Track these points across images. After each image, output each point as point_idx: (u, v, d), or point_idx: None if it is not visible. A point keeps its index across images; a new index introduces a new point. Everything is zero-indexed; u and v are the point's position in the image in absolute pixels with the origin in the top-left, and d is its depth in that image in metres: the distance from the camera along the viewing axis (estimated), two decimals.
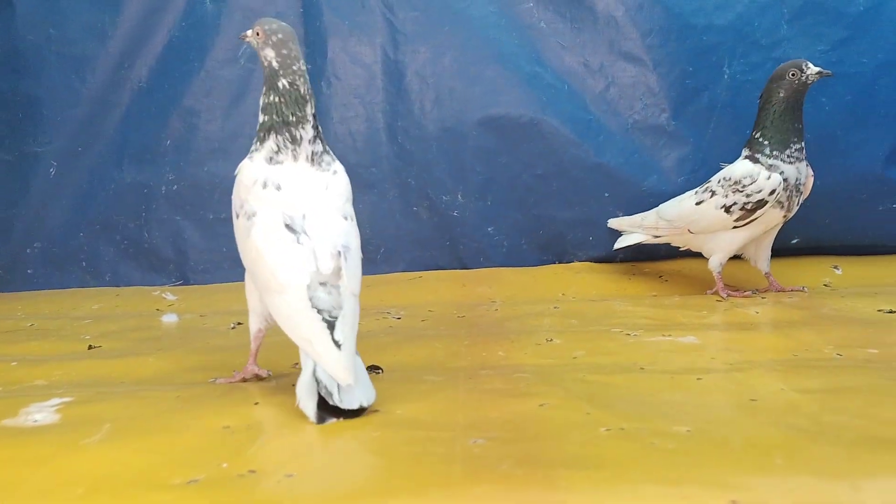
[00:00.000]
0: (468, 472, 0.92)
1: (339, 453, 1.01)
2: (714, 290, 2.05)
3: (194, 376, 1.47)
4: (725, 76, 2.24)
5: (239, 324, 1.95)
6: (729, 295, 2.01)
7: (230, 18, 2.40)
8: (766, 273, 2.08)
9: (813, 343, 1.51)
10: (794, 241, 2.28)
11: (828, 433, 1.01)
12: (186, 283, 2.47)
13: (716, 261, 2.03)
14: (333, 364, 1.12)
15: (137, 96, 2.42)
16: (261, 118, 1.34)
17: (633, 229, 2.17)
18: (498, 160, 2.35)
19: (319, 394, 1.12)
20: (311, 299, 1.19)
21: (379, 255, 2.46)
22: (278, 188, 1.29)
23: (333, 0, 2.36)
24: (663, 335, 1.62)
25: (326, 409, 1.12)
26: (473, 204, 2.39)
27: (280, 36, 1.33)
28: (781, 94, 1.91)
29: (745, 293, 2.03)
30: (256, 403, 1.23)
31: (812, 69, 1.88)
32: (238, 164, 1.36)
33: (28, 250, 2.46)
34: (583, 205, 2.34)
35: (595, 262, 2.38)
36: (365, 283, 2.37)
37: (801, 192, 1.96)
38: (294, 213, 1.27)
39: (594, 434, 1.03)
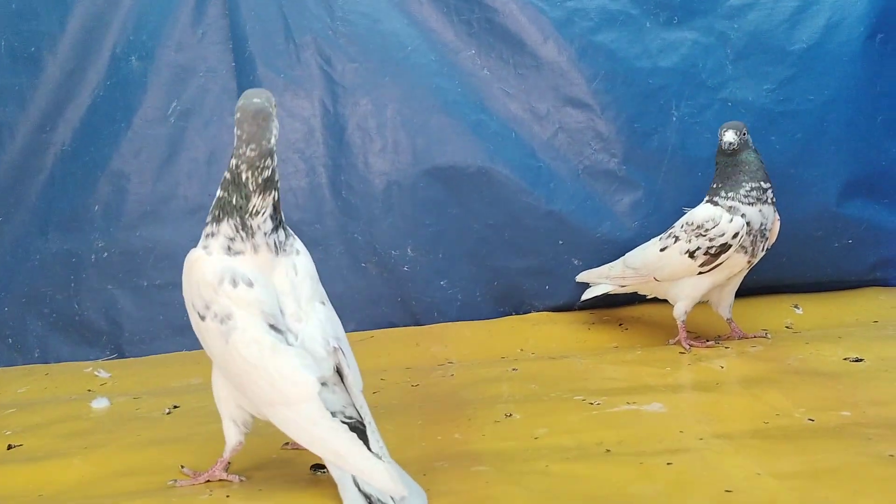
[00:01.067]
0: None
1: None
2: (676, 339, 1.98)
3: (122, 484, 1.33)
4: (674, 118, 2.19)
5: (175, 407, 1.81)
6: (691, 346, 1.95)
7: (158, 75, 2.28)
8: (727, 319, 2.02)
9: (783, 406, 1.44)
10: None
11: None
12: (121, 355, 2.32)
13: (681, 308, 1.96)
14: (381, 478, 1.07)
15: (61, 160, 2.28)
16: (218, 192, 1.22)
17: (601, 280, 2.10)
18: (448, 211, 2.27)
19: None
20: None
21: None
22: (250, 284, 1.18)
23: (267, 54, 2.25)
24: (628, 403, 1.54)
25: None
26: (424, 257, 2.29)
27: (238, 115, 1.20)
28: (717, 149, 1.90)
29: (708, 343, 1.97)
30: None
31: (725, 138, 1.86)
32: (183, 243, 1.27)
33: None
34: (537, 253, 2.27)
35: (553, 311, 2.30)
36: None
37: (767, 238, 1.91)
38: (273, 311, 1.18)
39: None
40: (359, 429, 1.12)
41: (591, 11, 2.17)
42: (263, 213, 1.22)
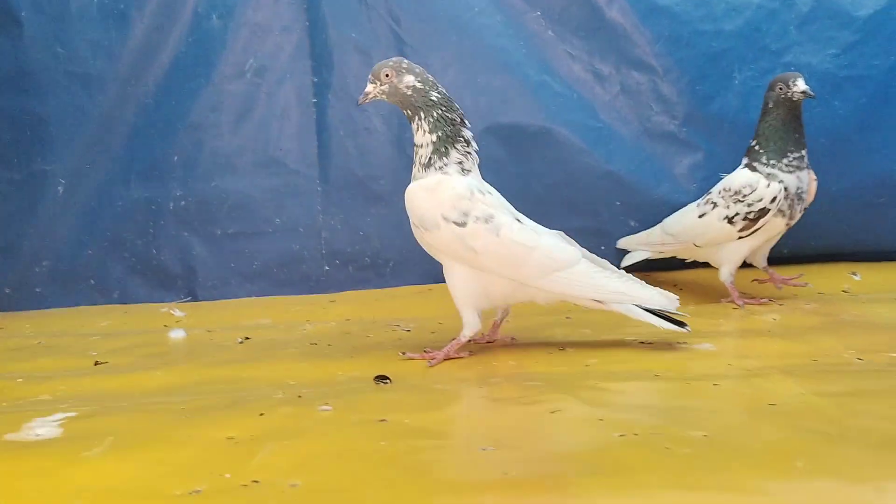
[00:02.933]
0: (476, 480, 0.89)
1: (345, 463, 0.98)
2: (729, 298, 2.01)
3: (201, 389, 1.45)
4: (736, 82, 2.21)
5: (247, 338, 1.92)
6: (745, 303, 1.97)
7: (236, 34, 2.40)
8: (763, 268, 2.04)
9: (832, 348, 1.47)
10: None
11: (850, 436, 0.97)
12: (195, 299, 2.46)
13: (726, 272, 1.99)
14: (658, 299, 1.51)
15: (144, 113, 2.41)
16: (432, 138, 1.50)
17: (640, 247, 2.13)
18: (508, 169, 2.32)
19: (662, 316, 1.50)
20: None
21: (388, 269, 2.44)
22: (490, 193, 1.54)
23: (339, 14, 2.35)
24: (679, 342, 1.59)
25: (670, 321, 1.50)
26: None
27: (406, 62, 1.52)
28: (771, 106, 1.89)
29: (762, 300, 1.99)
30: (262, 415, 1.20)
31: (798, 87, 1.84)
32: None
33: (36, 269, 2.45)
34: (594, 214, 2.32)
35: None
36: (374, 297, 2.38)
37: (804, 200, 1.92)
38: (511, 210, 1.55)
39: (607, 440, 1.00)
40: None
41: None
42: (471, 139, 1.54)
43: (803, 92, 1.84)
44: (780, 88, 1.87)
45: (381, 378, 1.40)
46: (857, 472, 0.86)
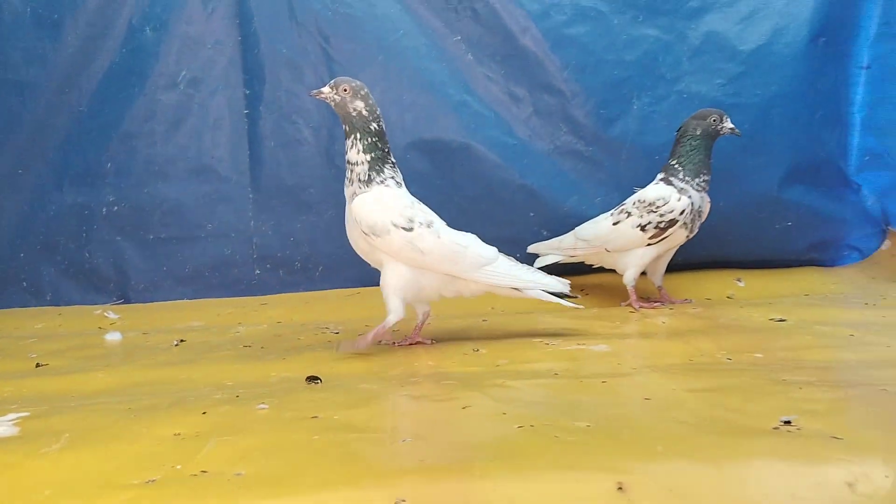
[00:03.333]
0: (397, 467, 1.05)
1: (283, 454, 1.13)
2: (628, 302, 2.24)
3: (142, 390, 1.56)
4: (635, 107, 2.45)
5: (182, 341, 2.04)
6: (641, 307, 2.20)
7: (169, 45, 2.49)
8: (658, 286, 2.29)
9: (707, 349, 1.70)
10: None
11: (704, 426, 1.18)
12: (127, 301, 2.54)
13: (630, 275, 2.22)
14: (555, 284, 1.84)
15: (78, 120, 2.49)
16: (366, 157, 1.72)
17: (551, 251, 2.35)
18: (432, 182, 2.50)
19: (558, 295, 1.85)
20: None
21: (317, 273, 2.58)
22: (419, 202, 1.80)
23: (271, 30, 2.47)
24: (578, 344, 1.79)
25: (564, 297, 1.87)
26: None
27: (365, 90, 1.73)
28: (699, 132, 2.14)
29: (655, 304, 2.23)
30: (204, 413, 1.34)
31: (727, 124, 2.13)
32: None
33: None
34: (510, 223, 2.52)
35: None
36: (304, 300, 2.52)
37: (702, 217, 2.18)
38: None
39: (508, 431, 1.18)
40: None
41: (566, 6, 2.41)
42: (395, 163, 1.79)
43: (731, 129, 2.11)
44: (713, 120, 2.12)
45: (312, 378, 1.55)
46: (703, 455, 1.07)
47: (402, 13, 2.46)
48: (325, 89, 1.73)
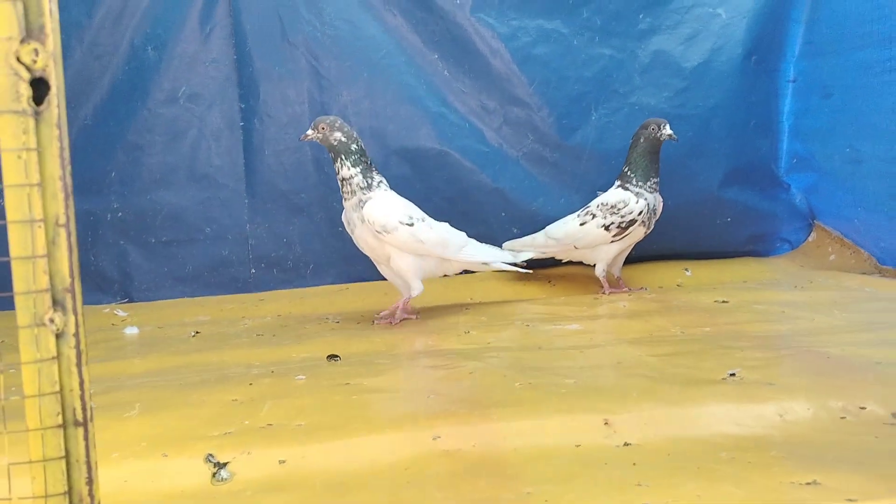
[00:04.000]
0: (429, 413, 1.32)
1: (331, 409, 1.38)
2: (602, 291, 2.54)
3: (184, 371, 1.78)
4: (593, 118, 2.75)
5: (197, 332, 2.25)
6: (610, 292, 2.51)
7: (169, 63, 2.69)
8: (617, 277, 2.60)
9: (664, 326, 2.00)
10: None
11: (667, 379, 1.47)
12: (131, 300, 2.73)
13: (600, 268, 2.52)
14: (509, 257, 2.39)
15: (84, 133, 2.67)
16: (357, 170, 2.09)
17: (525, 248, 2.64)
18: (413, 186, 2.75)
19: (512, 264, 2.37)
20: None
21: (308, 271, 2.82)
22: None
23: (264, 50, 2.70)
24: (554, 325, 2.08)
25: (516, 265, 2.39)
26: None
27: (339, 122, 2.10)
28: (642, 140, 2.44)
29: (623, 289, 2.54)
30: (251, 384, 1.57)
31: (665, 131, 2.41)
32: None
33: None
34: (485, 223, 2.79)
35: (496, 271, 2.82)
36: (298, 296, 2.77)
37: (656, 214, 2.49)
38: None
39: (512, 387, 1.45)
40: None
41: (531, 29, 2.70)
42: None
43: (669, 135, 2.40)
44: (653, 129, 2.42)
45: (333, 357, 1.80)
46: (668, 398, 1.36)
47: (384, 34, 2.72)
48: (310, 132, 2.13)
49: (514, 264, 2.40)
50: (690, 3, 2.76)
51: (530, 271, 2.52)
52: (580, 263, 2.64)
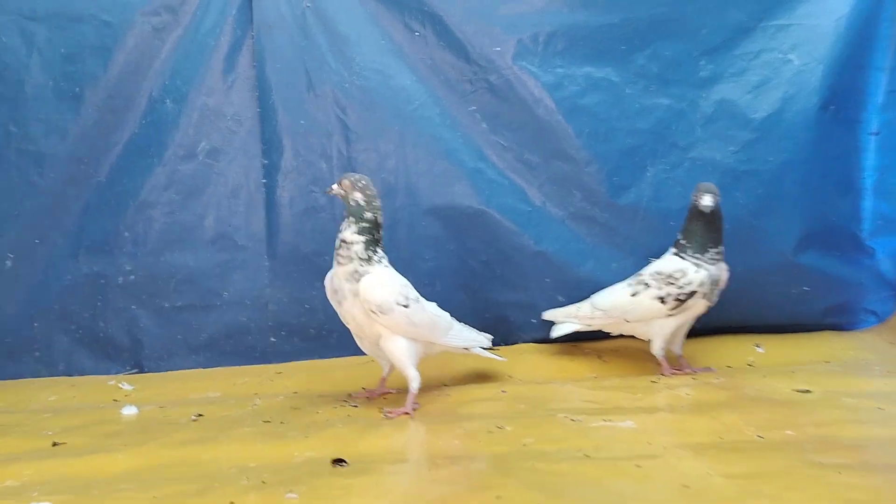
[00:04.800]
0: None
1: None
2: (662, 372, 2.22)
3: (165, 473, 1.54)
4: (648, 174, 2.46)
5: (200, 415, 2.01)
6: (671, 374, 2.19)
7: (189, 117, 2.51)
8: (678, 355, 2.28)
9: (736, 425, 1.68)
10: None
11: None
12: (141, 370, 2.52)
13: (658, 345, 2.21)
14: (482, 339, 2.16)
15: (96, 190, 2.49)
16: (361, 239, 1.92)
17: (569, 319, 2.34)
18: (446, 247, 2.51)
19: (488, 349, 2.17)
20: None
21: (333, 340, 2.56)
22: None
23: (289, 102, 2.50)
24: (604, 420, 1.77)
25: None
26: (422, 290, 2.46)
27: (364, 182, 1.95)
28: (692, 209, 2.17)
29: (686, 370, 2.22)
30: (231, 503, 1.31)
31: (702, 201, 2.12)
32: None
33: None
34: (525, 289, 2.51)
35: (538, 342, 2.53)
36: (319, 368, 2.51)
37: (720, 286, 2.18)
38: None
39: None
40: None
41: (579, 77, 2.44)
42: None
43: (705, 206, 2.11)
44: (694, 198, 2.13)
45: (338, 461, 1.53)
46: None
47: (417, 84, 2.50)
48: (334, 186, 1.97)
49: (490, 349, 2.21)
50: (758, 48, 2.47)
51: (504, 359, 2.29)
52: (633, 336, 2.34)
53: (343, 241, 1.93)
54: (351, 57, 2.49)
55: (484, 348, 2.18)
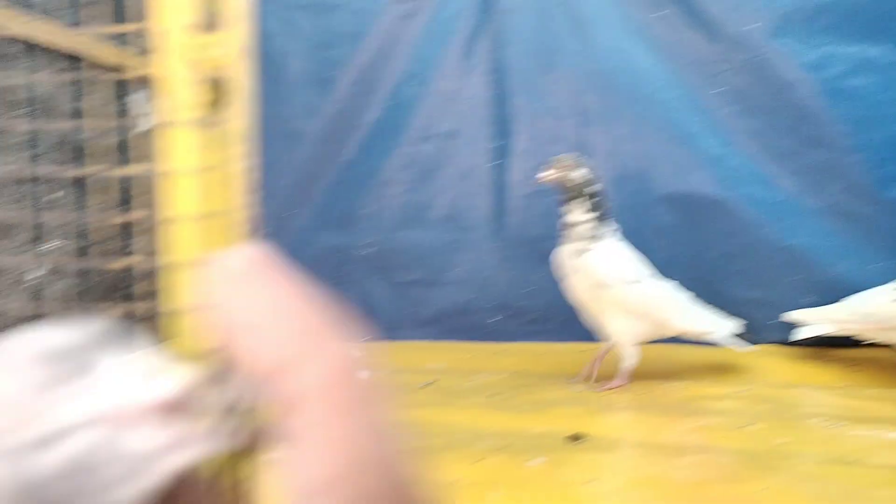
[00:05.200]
0: None
1: None
2: None
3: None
4: None
5: (429, 383, 2.07)
6: None
7: (428, 100, 2.61)
8: None
9: None
10: None
11: None
12: (372, 339, 2.65)
13: None
14: (732, 325, 2.02)
15: (341, 169, 2.66)
16: (591, 216, 1.89)
17: (817, 321, 2.13)
18: (680, 237, 2.39)
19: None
20: None
21: (553, 325, 2.53)
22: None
23: (524, 85, 2.51)
24: (865, 428, 1.59)
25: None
26: None
27: (577, 158, 1.93)
28: None
29: None
30: (476, 462, 1.32)
31: None
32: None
33: None
34: (768, 286, 2.33)
35: (780, 344, 2.33)
36: (538, 351, 2.49)
37: None
38: None
39: None
40: None
41: (846, 56, 2.22)
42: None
43: None
44: None
45: (576, 437, 1.50)
46: None
47: (659, 65, 2.40)
48: (547, 172, 1.93)
49: (736, 340, 2.02)
50: None
51: (754, 348, 2.07)
52: (889, 346, 2.08)
53: (568, 223, 1.92)
54: (591, 38, 2.45)
55: (733, 337, 2.03)
